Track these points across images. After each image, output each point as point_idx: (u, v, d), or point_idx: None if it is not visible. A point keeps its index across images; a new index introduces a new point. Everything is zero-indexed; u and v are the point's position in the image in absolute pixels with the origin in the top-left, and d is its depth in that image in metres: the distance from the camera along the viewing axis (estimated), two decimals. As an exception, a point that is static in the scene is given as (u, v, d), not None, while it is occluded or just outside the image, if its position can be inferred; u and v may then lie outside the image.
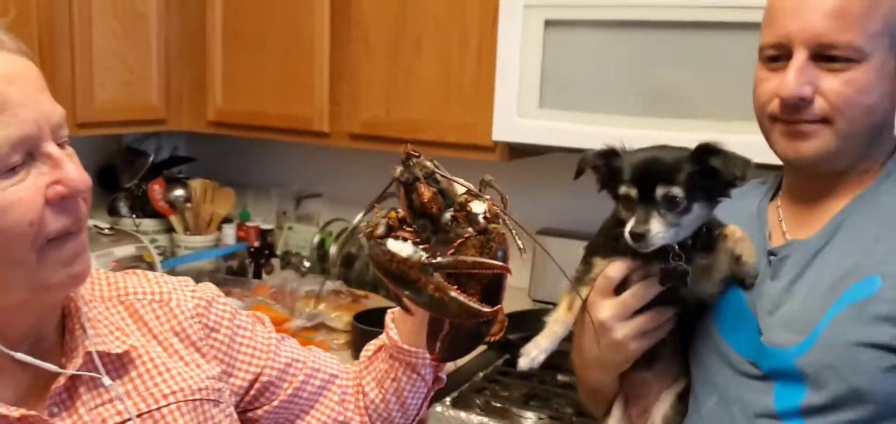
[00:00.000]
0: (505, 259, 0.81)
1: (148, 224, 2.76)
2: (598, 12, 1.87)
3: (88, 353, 0.90)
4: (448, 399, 1.93)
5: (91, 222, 2.56)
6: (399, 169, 0.86)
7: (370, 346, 1.17)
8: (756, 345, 1.07)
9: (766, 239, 1.14)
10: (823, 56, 1.03)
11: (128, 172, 2.82)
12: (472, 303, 0.79)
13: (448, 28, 2.14)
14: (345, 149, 2.47)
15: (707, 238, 1.12)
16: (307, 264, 2.70)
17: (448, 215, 0.83)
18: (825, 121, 1.04)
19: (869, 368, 0.98)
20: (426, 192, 0.84)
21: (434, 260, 0.80)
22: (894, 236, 1.03)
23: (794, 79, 1.03)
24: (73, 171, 0.82)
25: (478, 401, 1.94)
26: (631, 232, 1.06)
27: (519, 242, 0.83)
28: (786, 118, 1.06)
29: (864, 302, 1.00)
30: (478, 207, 0.81)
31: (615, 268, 1.12)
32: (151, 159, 2.85)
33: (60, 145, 0.83)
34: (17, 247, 0.79)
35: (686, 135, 1.78)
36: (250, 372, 1.06)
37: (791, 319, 1.05)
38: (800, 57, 1.03)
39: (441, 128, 2.17)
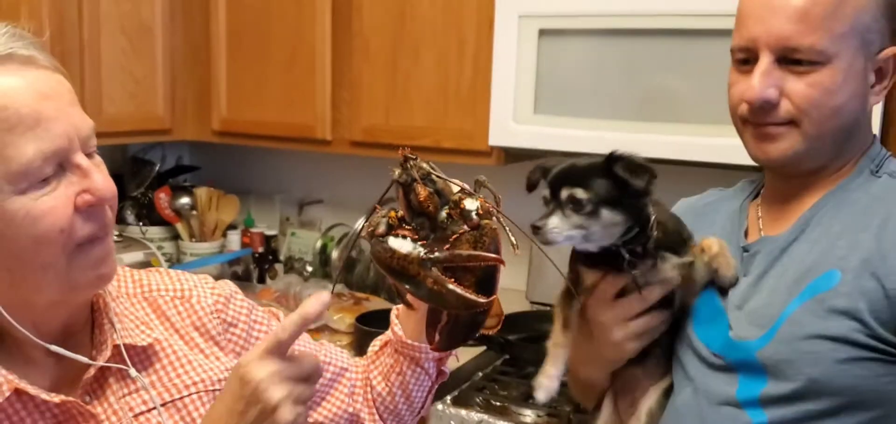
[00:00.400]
0: (497, 252, 0.85)
1: (154, 231, 2.82)
2: (591, 21, 1.93)
3: (116, 346, 0.96)
4: (449, 398, 1.99)
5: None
6: (397, 171, 0.91)
7: (376, 342, 1.23)
8: (725, 339, 1.10)
9: (743, 235, 1.17)
10: (788, 59, 1.04)
11: (134, 181, 2.88)
12: (468, 294, 0.83)
13: (445, 37, 2.20)
14: (346, 156, 2.52)
15: (674, 244, 1.14)
16: (310, 268, 2.77)
17: (444, 213, 0.88)
18: (792, 122, 1.06)
19: (825, 360, 1.00)
20: (423, 192, 0.88)
21: (432, 256, 0.84)
22: (856, 231, 1.05)
23: (758, 82, 1.05)
24: (101, 181, 0.88)
25: (478, 399, 1.99)
26: (531, 224, 1.10)
27: (512, 238, 0.88)
28: (754, 121, 1.08)
29: (823, 295, 1.02)
30: (471, 204, 0.86)
31: (616, 279, 1.15)
32: (157, 168, 2.91)
33: (89, 155, 0.89)
34: (49, 252, 0.85)
35: (676, 138, 1.86)
36: None
37: (756, 313, 1.08)
38: (765, 60, 1.05)
39: (439, 134, 2.24)
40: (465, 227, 0.85)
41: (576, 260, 1.18)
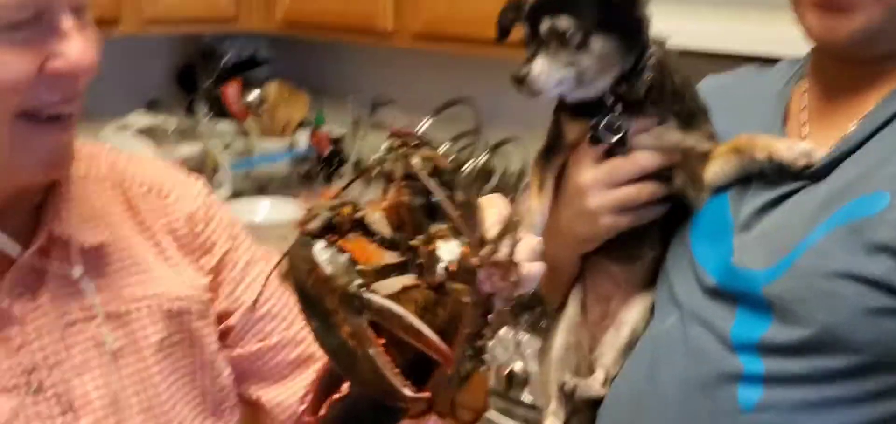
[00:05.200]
0: (452, 336, 0.58)
1: (223, 126, 2.76)
2: None
3: (55, 237, 0.80)
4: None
5: (160, 118, 2.58)
6: (390, 154, 0.64)
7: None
8: (725, 264, 0.88)
9: (781, 128, 0.92)
10: None
11: (205, 73, 2.82)
12: (388, 374, 0.58)
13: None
14: (413, 51, 2.34)
15: (681, 108, 0.91)
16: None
17: (419, 240, 0.61)
18: None
19: (849, 306, 0.78)
20: (393, 198, 0.63)
21: (365, 295, 0.58)
22: None
23: None
24: (78, 49, 0.72)
25: None
26: (511, 76, 0.88)
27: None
28: None
29: (862, 222, 0.79)
30: (446, 251, 0.59)
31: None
32: (225, 60, 2.82)
33: (81, 26, 0.73)
34: None
35: (714, 27, 1.54)
36: (223, 305, 0.91)
37: (768, 237, 0.85)
38: None
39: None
40: (424, 280, 0.59)
41: (559, 109, 0.97)
